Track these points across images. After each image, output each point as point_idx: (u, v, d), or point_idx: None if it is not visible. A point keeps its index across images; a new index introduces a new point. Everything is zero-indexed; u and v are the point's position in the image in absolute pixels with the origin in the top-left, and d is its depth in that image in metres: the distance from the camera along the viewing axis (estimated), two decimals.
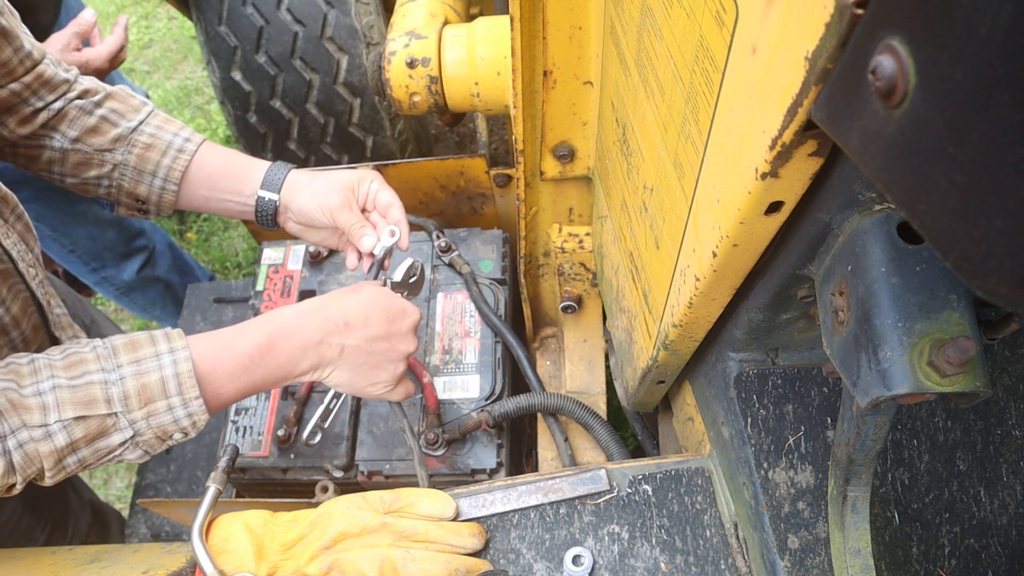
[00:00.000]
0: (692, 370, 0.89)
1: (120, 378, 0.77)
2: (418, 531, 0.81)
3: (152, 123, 1.06)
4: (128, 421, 0.78)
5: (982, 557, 0.70)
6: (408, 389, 0.98)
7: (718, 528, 0.84)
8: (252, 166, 1.07)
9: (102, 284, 2.11)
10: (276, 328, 0.86)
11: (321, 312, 0.89)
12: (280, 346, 0.86)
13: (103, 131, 1.03)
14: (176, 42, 3.56)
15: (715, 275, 0.57)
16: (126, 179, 1.04)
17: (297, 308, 0.89)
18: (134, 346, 0.80)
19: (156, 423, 0.79)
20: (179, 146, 1.05)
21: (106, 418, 0.77)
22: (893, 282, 0.46)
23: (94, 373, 0.77)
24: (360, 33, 1.78)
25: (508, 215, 1.47)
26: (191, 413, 0.80)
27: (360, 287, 0.94)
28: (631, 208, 0.84)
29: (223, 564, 0.78)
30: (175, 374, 0.79)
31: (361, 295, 0.92)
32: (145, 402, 0.78)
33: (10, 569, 0.86)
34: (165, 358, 0.79)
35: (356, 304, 0.90)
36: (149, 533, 1.42)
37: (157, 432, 0.80)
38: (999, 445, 0.72)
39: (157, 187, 1.05)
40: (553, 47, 0.85)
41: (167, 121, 1.08)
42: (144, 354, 0.79)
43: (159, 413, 0.79)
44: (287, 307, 0.90)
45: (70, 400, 0.75)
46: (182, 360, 0.80)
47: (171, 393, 0.79)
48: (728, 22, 0.45)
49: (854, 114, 0.33)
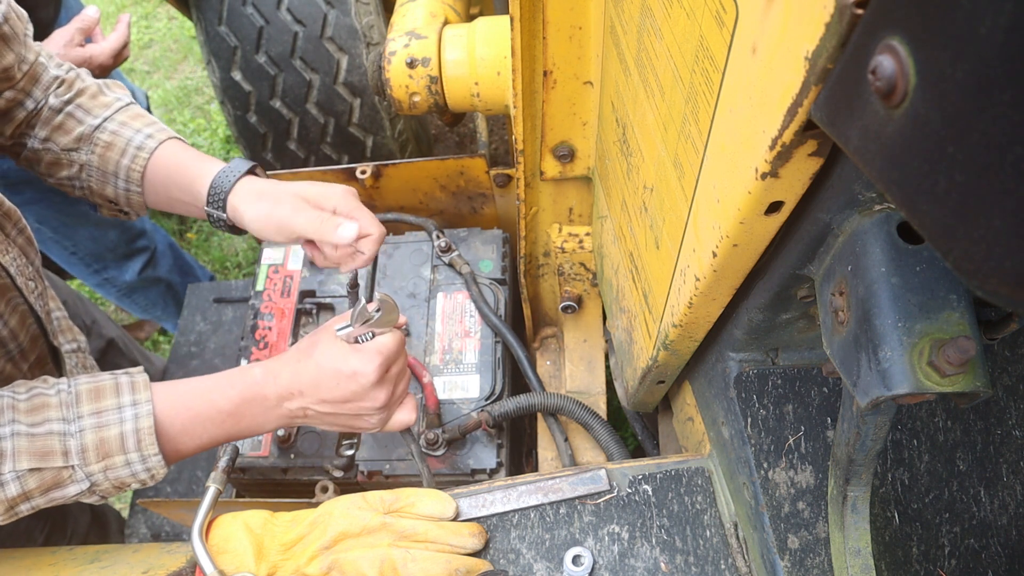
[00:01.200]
0: (692, 370, 0.89)
1: (79, 430, 0.77)
2: (418, 531, 0.81)
3: (117, 119, 1.00)
4: (85, 474, 0.77)
5: (982, 557, 0.70)
6: (409, 417, 0.93)
7: (718, 528, 0.84)
8: (198, 175, 0.97)
9: (104, 285, 2.11)
10: (239, 395, 0.84)
11: (277, 380, 0.85)
12: (243, 412, 0.85)
13: (68, 129, 0.98)
14: (176, 42, 3.56)
15: (715, 275, 0.57)
16: (93, 180, 1.00)
17: (261, 371, 0.86)
18: (98, 394, 0.79)
19: (113, 476, 0.79)
20: (139, 144, 0.98)
21: (62, 470, 0.76)
22: (893, 282, 0.46)
23: (54, 422, 0.76)
24: (360, 33, 1.78)
25: (508, 215, 1.47)
26: (149, 468, 0.80)
27: (311, 348, 0.87)
28: (631, 208, 0.84)
29: (223, 564, 0.78)
30: (135, 430, 0.78)
31: (310, 360, 0.86)
32: (103, 456, 0.77)
33: (10, 569, 0.86)
34: (127, 411, 0.79)
35: (305, 371, 0.85)
36: (149, 533, 1.42)
37: (114, 483, 0.79)
38: (999, 445, 0.72)
39: (122, 189, 1.00)
40: (553, 47, 0.85)
41: (134, 117, 1.01)
42: (106, 405, 0.78)
43: (116, 467, 0.78)
44: (255, 366, 0.87)
45: (27, 450, 0.74)
46: (143, 415, 0.79)
47: (129, 449, 0.78)
48: (728, 22, 0.45)
49: (854, 114, 0.33)
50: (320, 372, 0.84)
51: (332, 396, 0.85)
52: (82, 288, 2.69)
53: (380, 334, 0.88)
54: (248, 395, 0.85)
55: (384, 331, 0.88)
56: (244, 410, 0.84)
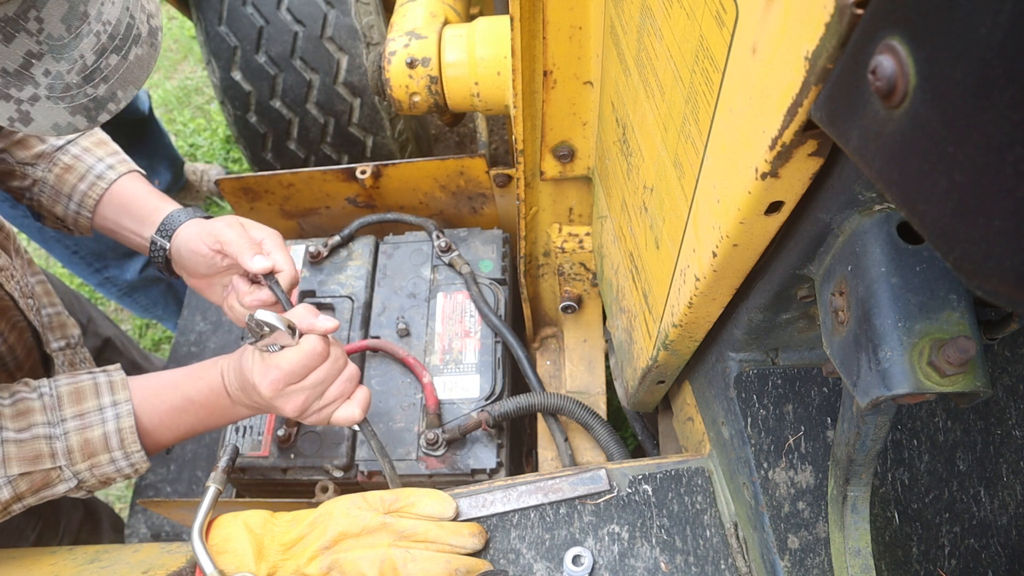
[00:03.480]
0: (692, 370, 0.89)
1: (64, 432, 0.81)
2: (418, 531, 0.81)
3: (80, 143, 1.03)
4: (72, 473, 0.82)
5: (982, 557, 0.70)
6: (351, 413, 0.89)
7: (718, 528, 0.84)
8: (157, 208, 1.02)
9: (105, 285, 2.11)
10: (207, 386, 0.89)
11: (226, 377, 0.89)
12: (212, 403, 0.89)
13: (28, 145, 1.01)
14: (176, 42, 3.56)
15: (715, 275, 0.57)
16: (44, 196, 1.03)
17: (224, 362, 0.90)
18: (79, 396, 0.83)
19: (99, 472, 0.84)
20: (99, 172, 1.02)
21: (50, 472, 0.80)
22: (893, 282, 0.46)
23: (40, 426, 0.80)
24: (360, 33, 1.78)
25: (508, 215, 1.47)
26: (133, 463, 0.85)
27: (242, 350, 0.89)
28: (631, 208, 0.84)
29: (223, 564, 0.78)
30: (117, 430, 0.83)
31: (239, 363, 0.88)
32: (88, 456, 0.82)
33: (10, 569, 0.86)
34: (108, 412, 0.83)
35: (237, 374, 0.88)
36: (149, 533, 1.42)
37: (100, 479, 0.84)
38: (999, 445, 0.72)
39: (72, 210, 1.03)
40: (553, 47, 0.85)
41: (97, 144, 1.04)
42: (88, 407, 0.83)
43: (102, 465, 0.83)
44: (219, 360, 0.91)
45: (16, 456, 0.78)
46: (124, 415, 0.83)
47: (113, 448, 0.83)
48: (728, 22, 0.45)
49: (854, 114, 0.33)
50: (241, 377, 0.87)
51: (252, 402, 0.88)
52: (83, 288, 2.69)
53: (287, 345, 0.85)
54: (214, 386, 0.89)
55: (291, 343, 0.84)
56: (213, 401, 0.89)
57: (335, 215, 1.49)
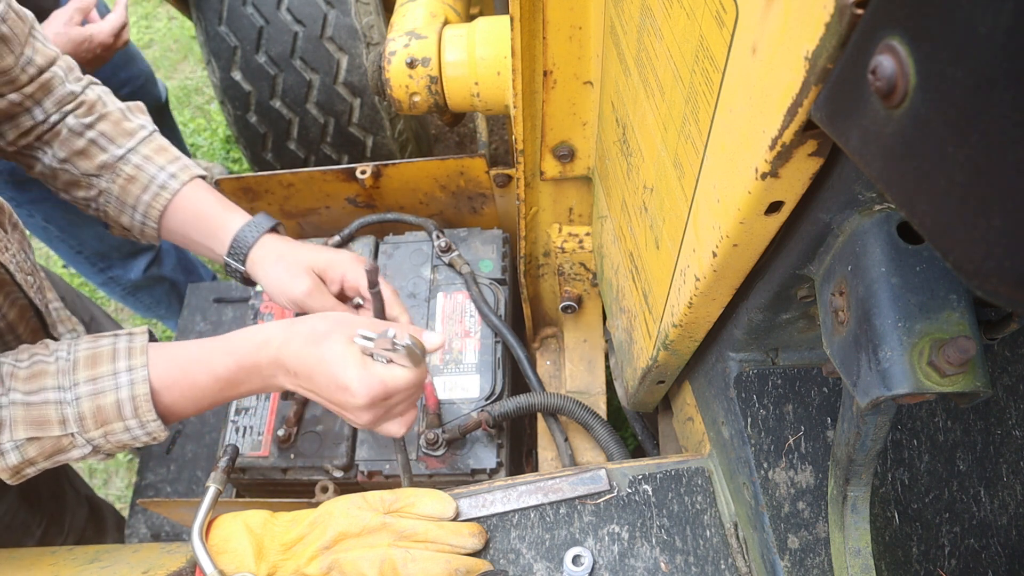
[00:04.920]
0: (692, 370, 0.89)
1: (76, 398, 0.76)
2: (418, 531, 0.81)
3: (141, 152, 1.01)
4: (86, 439, 0.78)
5: (982, 557, 0.70)
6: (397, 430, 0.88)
7: (718, 528, 0.84)
8: (223, 225, 1.01)
9: (108, 284, 2.12)
10: (235, 363, 0.83)
11: (279, 351, 0.83)
12: (240, 379, 0.84)
13: (90, 155, 0.99)
14: (176, 42, 3.56)
15: (715, 275, 0.57)
16: (110, 207, 1.02)
17: (260, 339, 0.84)
18: (94, 361, 0.79)
19: (115, 439, 0.79)
20: (162, 182, 1.00)
21: (61, 438, 0.77)
22: (893, 282, 0.46)
23: (50, 391, 0.76)
24: (360, 33, 1.78)
25: (508, 215, 1.47)
26: (149, 432, 0.80)
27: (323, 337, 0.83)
28: (631, 208, 0.84)
29: (223, 564, 0.78)
30: (131, 396, 0.78)
31: (316, 349, 0.82)
32: (101, 423, 0.78)
33: (10, 569, 0.86)
34: (123, 377, 0.78)
35: (308, 358, 0.82)
36: (149, 533, 1.42)
37: (116, 445, 0.80)
38: (999, 445, 0.72)
39: (138, 221, 1.02)
40: (553, 47, 0.85)
41: (158, 151, 1.02)
42: (102, 371, 0.78)
43: (116, 433, 0.79)
44: (253, 332, 0.85)
45: (23, 419, 0.74)
46: (139, 381, 0.78)
47: (127, 416, 0.78)
48: (728, 22, 0.45)
49: (854, 114, 0.33)
50: (320, 367, 0.82)
51: (321, 393, 0.84)
52: (84, 288, 2.69)
53: (399, 363, 0.84)
54: (246, 363, 0.84)
55: (404, 364, 0.83)
56: (241, 377, 0.84)
57: (335, 215, 1.49)
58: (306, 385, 0.84)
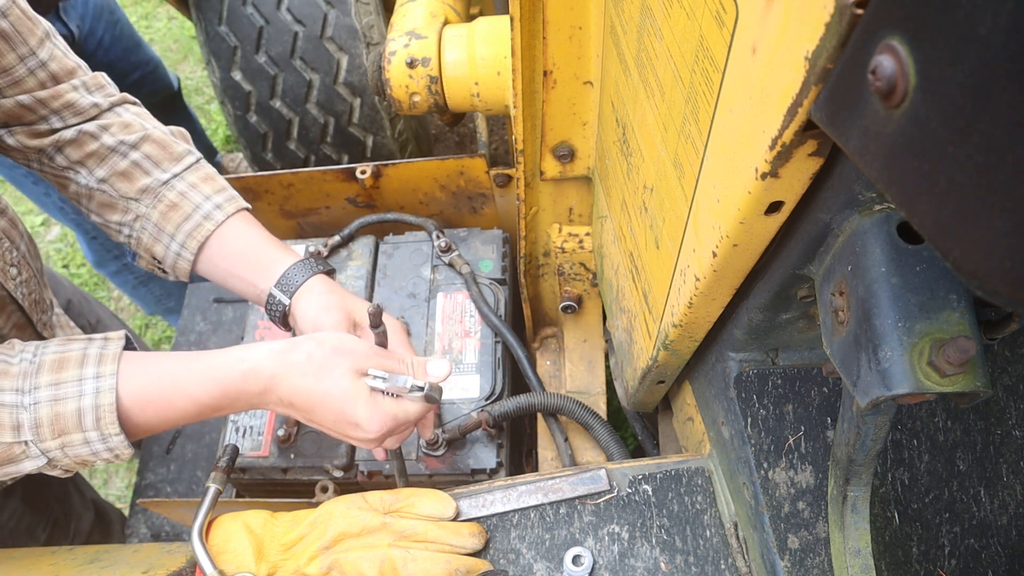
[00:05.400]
0: (692, 370, 0.89)
1: (33, 403, 0.70)
2: (418, 531, 0.81)
3: (187, 179, 0.97)
4: (40, 450, 0.71)
5: (982, 557, 0.70)
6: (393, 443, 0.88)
7: (718, 528, 0.84)
8: (276, 260, 0.97)
9: (122, 272, 2.13)
10: (219, 390, 0.78)
11: (270, 383, 0.78)
12: (224, 406, 0.79)
13: (133, 178, 0.95)
14: (176, 42, 3.56)
15: (715, 275, 0.57)
16: (146, 233, 0.97)
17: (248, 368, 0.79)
18: (61, 365, 0.73)
19: (73, 453, 0.73)
20: (206, 213, 0.96)
21: (12, 446, 0.70)
22: (893, 282, 0.46)
23: (7, 393, 0.70)
24: (360, 33, 1.78)
25: (508, 215, 1.47)
26: (111, 447, 0.74)
27: (324, 371, 0.78)
28: (631, 208, 0.84)
29: (223, 564, 0.78)
30: (94, 406, 0.71)
31: (318, 385, 0.78)
32: (59, 433, 0.71)
33: (10, 569, 0.86)
34: (88, 384, 0.72)
35: (307, 392, 0.78)
36: (149, 533, 1.42)
37: (75, 460, 0.74)
38: (999, 445, 0.72)
39: (173, 251, 0.96)
40: (553, 47, 0.85)
41: (204, 179, 0.98)
42: (67, 377, 0.72)
43: (75, 445, 0.72)
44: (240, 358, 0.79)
45: None
46: (105, 390, 0.72)
47: (87, 427, 0.71)
48: (728, 22, 0.45)
49: (854, 114, 0.33)
50: (323, 401, 0.78)
51: (323, 424, 0.81)
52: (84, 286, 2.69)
53: (409, 399, 0.82)
54: (231, 391, 0.78)
55: (414, 400, 0.82)
56: (224, 403, 0.79)
57: (335, 215, 1.49)
58: (305, 416, 0.81)
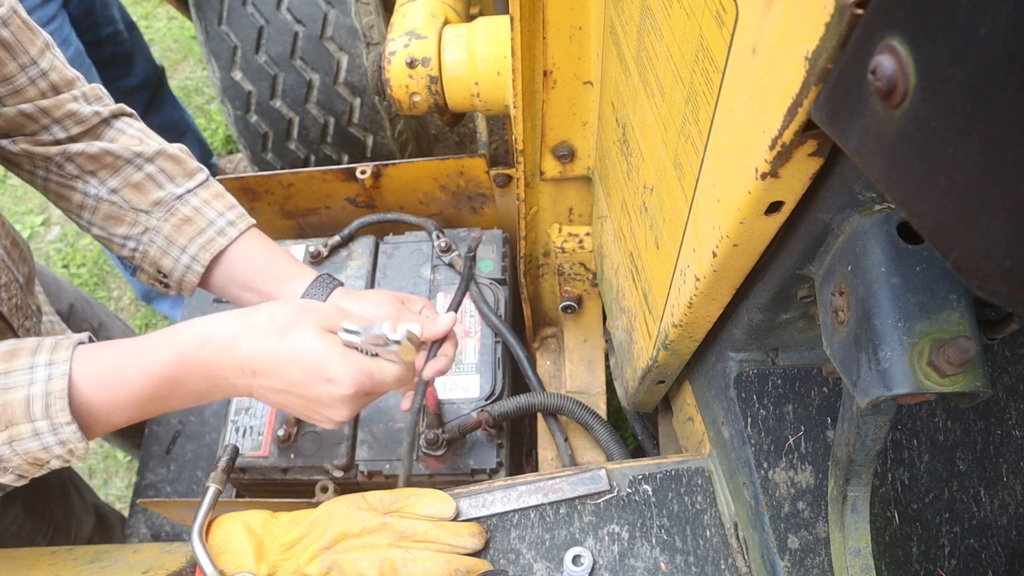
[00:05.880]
0: (692, 370, 0.89)
1: None
2: (418, 531, 0.81)
3: (200, 195, 0.97)
4: None
5: (982, 557, 0.70)
6: None
7: (718, 528, 0.84)
8: (295, 274, 0.97)
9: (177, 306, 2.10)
10: (175, 359, 0.72)
11: (229, 347, 0.73)
12: (181, 379, 0.73)
13: (146, 190, 0.94)
14: (176, 42, 3.56)
15: (715, 275, 0.57)
16: (154, 246, 0.95)
17: (205, 331, 0.74)
18: (12, 355, 0.67)
19: (22, 449, 0.66)
20: (220, 228, 0.96)
21: None
22: (893, 282, 0.46)
23: None
24: (360, 33, 1.78)
25: (508, 215, 1.47)
26: (63, 440, 0.67)
27: (289, 328, 0.74)
28: (631, 208, 0.84)
29: (223, 564, 0.78)
30: (44, 393, 0.65)
31: (283, 341, 0.73)
32: (6, 424, 0.65)
33: (10, 569, 0.86)
34: (40, 372, 0.66)
35: (273, 352, 0.73)
36: (149, 533, 1.42)
37: (26, 458, 0.67)
38: (999, 445, 0.72)
39: (183, 264, 0.96)
40: (553, 47, 0.85)
41: (217, 196, 0.98)
42: (17, 365, 0.66)
43: (23, 438, 0.65)
44: (196, 324, 0.74)
45: None
46: (57, 376, 0.66)
47: (36, 416, 0.65)
48: (728, 22, 0.45)
49: (854, 114, 0.33)
50: (291, 360, 0.73)
51: (291, 388, 0.74)
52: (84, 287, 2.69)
53: (388, 359, 0.79)
54: (187, 359, 0.72)
55: (393, 360, 0.79)
56: (181, 375, 0.72)
57: (335, 215, 1.49)
58: (269, 383, 0.75)
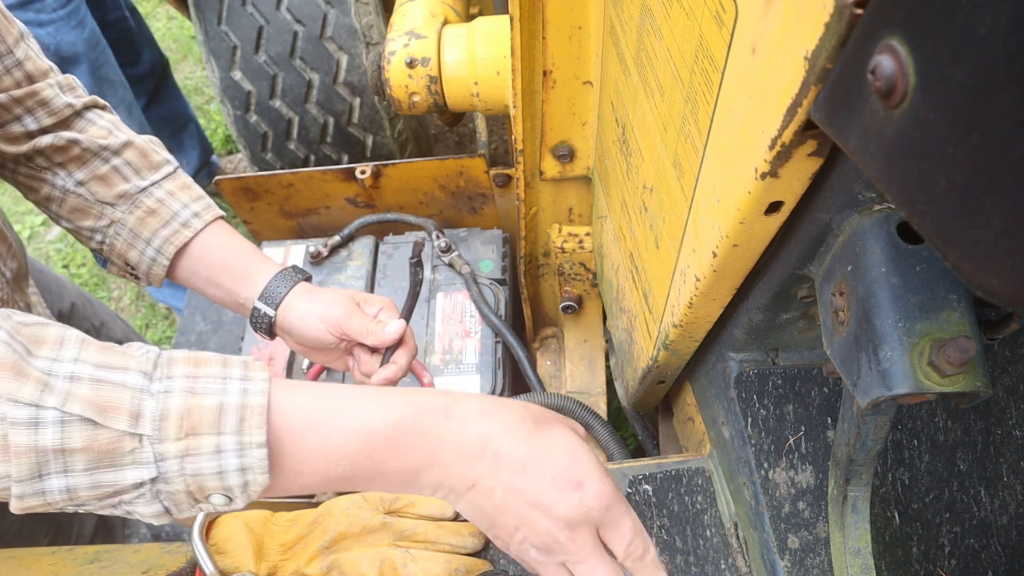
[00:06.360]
0: (692, 370, 0.89)
1: (164, 391, 0.56)
2: (418, 531, 0.81)
3: (165, 187, 0.97)
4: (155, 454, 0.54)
5: (982, 557, 0.70)
6: None
7: (718, 528, 0.84)
8: (256, 269, 0.97)
9: None
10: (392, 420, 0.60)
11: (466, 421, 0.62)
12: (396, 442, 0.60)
13: (111, 182, 0.94)
14: (176, 42, 3.56)
15: (715, 275, 0.57)
16: (120, 239, 0.96)
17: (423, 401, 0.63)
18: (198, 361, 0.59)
19: (192, 468, 0.55)
20: (184, 220, 0.96)
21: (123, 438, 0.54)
22: (893, 282, 0.46)
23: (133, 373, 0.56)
24: (360, 33, 1.78)
25: (508, 215, 1.47)
26: (244, 467, 0.56)
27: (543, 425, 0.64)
28: (631, 208, 0.84)
29: (223, 564, 0.78)
30: (240, 405, 0.56)
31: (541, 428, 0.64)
32: (187, 431, 0.55)
33: (10, 569, 0.86)
34: (233, 384, 0.58)
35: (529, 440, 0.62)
36: (149, 533, 1.42)
37: (190, 484, 0.56)
38: (999, 445, 0.72)
39: (148, 256, 0.96)
40: (553, 47, 0.85)
41: (182, 188, 0.98)
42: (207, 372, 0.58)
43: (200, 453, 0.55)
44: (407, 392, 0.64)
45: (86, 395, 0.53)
46: (256, 392, 0.57)
47: (225, 429, 0.56)
48: (728, 22, 0.45)
49: (854, 114, 0.33)
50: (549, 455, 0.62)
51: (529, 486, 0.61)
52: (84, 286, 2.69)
53: None
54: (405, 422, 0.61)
55: None
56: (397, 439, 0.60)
57: (335, 215, 1.49)
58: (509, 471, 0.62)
